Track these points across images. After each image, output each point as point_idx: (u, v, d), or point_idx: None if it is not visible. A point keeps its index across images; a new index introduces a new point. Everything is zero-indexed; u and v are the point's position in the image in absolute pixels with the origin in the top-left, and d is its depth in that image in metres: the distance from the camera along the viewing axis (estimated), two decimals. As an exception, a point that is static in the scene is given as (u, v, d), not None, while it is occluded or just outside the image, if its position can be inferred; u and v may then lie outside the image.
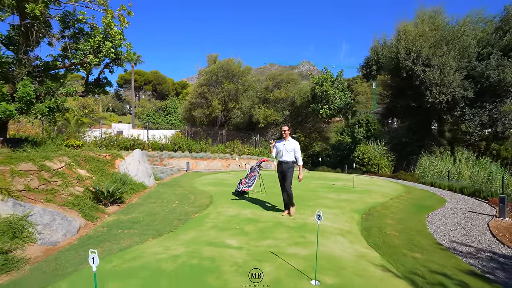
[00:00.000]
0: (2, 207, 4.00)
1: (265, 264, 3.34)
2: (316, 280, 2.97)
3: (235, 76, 25.78)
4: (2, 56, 6.79)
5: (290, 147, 5.22)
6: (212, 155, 16.82)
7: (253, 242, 4.08)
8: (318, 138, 28.12)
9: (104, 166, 8.12)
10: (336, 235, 4.48)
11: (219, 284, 2.87)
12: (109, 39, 7.84)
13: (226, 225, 4.89)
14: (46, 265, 3.42)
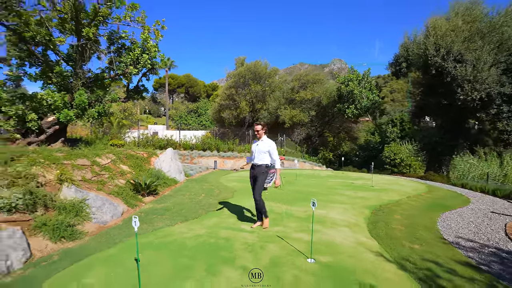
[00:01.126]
0: (67, 192, 5.08)
1: (271, 244, 3.93)
2: (312, 258, 3.49)
3: (262, 77, 26.47)
4: (64, 70, 8.18)
5: (263, 148, 4.54)
6: (239, 155, 17.66)
7: (264, 230, 4.67)
8: (346, 138, 27.75)
9: (142, 162, 9.27)
10: (341, 226, 4.90)
11: (230, 256, 3.52)
12: (146, 52, 8.95)
13: (244, 214, 5.54)
14: (99, 237, 4.37)
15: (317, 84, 22.97)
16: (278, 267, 3.27)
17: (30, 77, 8.45)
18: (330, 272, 3.18)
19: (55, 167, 5.75)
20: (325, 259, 3.52)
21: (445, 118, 15.34)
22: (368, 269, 3.29)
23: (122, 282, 2.89)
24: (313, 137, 26.82)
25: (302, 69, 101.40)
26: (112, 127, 22.78)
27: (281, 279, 2.99)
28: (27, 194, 4.35)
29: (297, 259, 3.48)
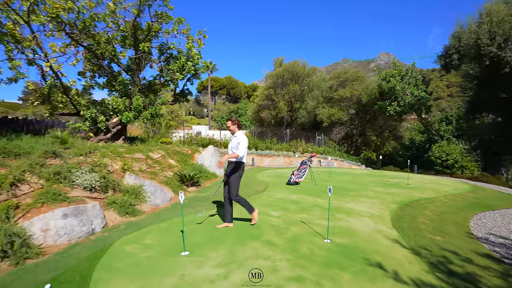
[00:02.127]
0: (129, 179, 6.25)
1: (293, 227, 4.45)
2: (328, 239, 3.92)
3: (300, 77, 26.61)
4: (124, 79, 9.70)
5: (234, 144, 4.26)
6: (276, 153, 18.24)
7: (290, 215, 5.21)
8: (391, 137, 26.37)
9: (186, 158, 10.44)
10: (364, 217, 5.17)
11: (257, 233, 4.14)
12: (190, 60, 10.07)
13: (273, 204, 6.13)
14: (153, 215, 5.37)
15: (356, 81, 22.35)
16: (297, 242, 3.79)
17: (99, 86, 10.16)
18: (341, 249, 3.60)
19: (119, 159, 7.02)
20: (340, 240, 3.93)
21: (503, 113, 13.83)
22: (379, 250, 3.61)
23: (171, 243, 3.70)
24: (354, 136, 26.07)
25: (346, 65, 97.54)
26: (161, 128, 25.26)
27: (298, 250, 3.51)
28: (102, 178, 5.54)
29: (315, 238, 3.95)
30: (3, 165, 4.51)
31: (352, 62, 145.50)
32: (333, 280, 2.80)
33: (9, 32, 7.00)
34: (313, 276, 2.86)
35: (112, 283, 2.69)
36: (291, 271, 2.95)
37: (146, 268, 3.01)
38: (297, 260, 3.24)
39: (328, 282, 2.76)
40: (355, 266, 3.14)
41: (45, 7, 7.00)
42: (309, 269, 3.01)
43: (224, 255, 3.34)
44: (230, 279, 2.77)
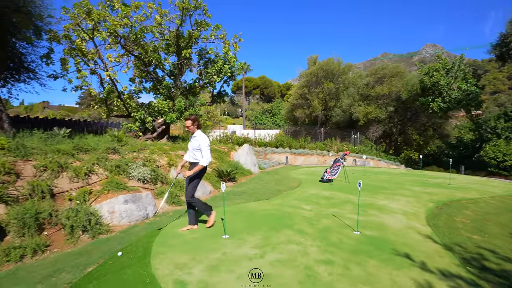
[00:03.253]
0: (174, 173, 7.00)
1: (324, 219, 4.70)
2: (357, 231, 4.11)
3: (335, 75, 26.08)
4: (168, 83, 10.68)
5: (195, 145, 4.05)
6: (310, 152, 18.25)
7: (322, 209, 5.43)
8: (436, 136, 24.57)
9: (223, 155, 11.11)
10: (397, 214, 5.19)
11: (290, 223, 4.47)
12: (226, 63, 10.70)
13: (306, 198, 6.39)
14: (196, 205, 5.98)
15: (395, 77, 21.23)
16: (327, 232, 4.05)
17: (146, 90, 11.30)
18: (370, 240, 3.77)
19: (165, 155, 7.85)
20: (370, 233, 4.09)
21: None
22: (408, 243, 3.71)
23: (213, 228, 4.21)
24: (393, 135, 24.79)
25: (385, 60, 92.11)
26: (199, 128, 26.77)
27: (327, 238, 3.77)
28: (152, 172, 6.33)
29: (344, 230, 4.16)
30: (78, 159, 5.46)
31: (393, 56, 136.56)
32: (360, 265, 3.03)
33: (77, 47, 8.24)
34: (341, 260, 3.12)
35: (168, 255, 3.25)
36: (321, 255, 3.24)
37: (194, 245, 3.54)
38: (327, 247, 3.51)
39: (355, 266, 3.00)
40: (382, 255, 3.32)
41: (105, 24, 8.10)
42: (338, 255, 3.27)
43: (260, 239, 3.74)
44: (265, 258, 3.16)
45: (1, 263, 3.37)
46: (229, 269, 2.86)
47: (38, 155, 5.14)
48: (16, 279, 2.97)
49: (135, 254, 3.28)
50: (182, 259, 3.09)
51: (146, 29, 9.06)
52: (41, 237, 3.86)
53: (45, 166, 4.86)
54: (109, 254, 3.37)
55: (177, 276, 2.71)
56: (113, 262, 3.10)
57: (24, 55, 10.10)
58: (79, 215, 4.22)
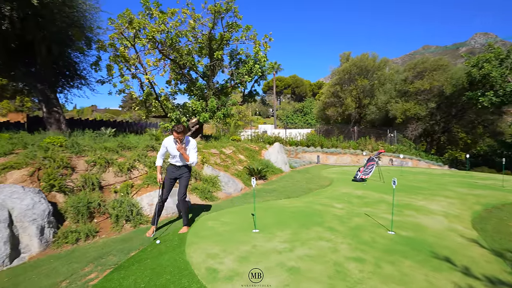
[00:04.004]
0: (207, 170, 7.30)
1: (356, 218, 4.57)
2: (392, 231, 3.94)
3: (370, 71, 24.96)
4: (201, 84, 11.13)
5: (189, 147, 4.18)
6: (343, 151, 17.70)
7: (354, 208, 5.29)
8: (486, 134, 22.25)
9: (254, 154, 11.28)
10: (438, 216, 4.86)
11: (320, 221, 4.43)
12: (257, 63, 10.84)
13: (337, 197, 6.26)
14: (227, 201, 6.19)
15: (438, 70, 19.59)
16: (358, 230, 3.94)
17: (181, 91, 11.88)
18: (405, 241, 3.60)
19: (198, 153, 8.20)
20: (406, 233, 3.89)
21: None
22: (450, 247, 3.47)
23: (244, 223, 4.34)
24: (435, 133, 22.95)
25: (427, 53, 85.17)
26: (230, 127, 27.38)
27: (359, 237, 3.68)
28: (187, 168, 6.67)
29: (378, 229, 4.02)
30: (122, 155, 5.97)
31: (435, 49, 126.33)
32: (393, 264, 2.92)
33: (121, 54, 8.98)
34: (372, 259, 3.04)
35: (201, 244, 3.44)
36: (351, 253, 3.19)
37: (225, 237, 3.69)
38: (358, 244, 3.43)
39: (388, 265, 2.90)
40: (419, 256, 3.16)
41: (145, 31, 8.71)
42: (369, 253, 3.18)
43: (289, 235, 3.78)
44: (294, 252, 3.19)
45: (62, 244, 3.85)
46: (258, 261, 2.95)
47: (89, 151, 5.73)
48: (74, 258, 3.37)
49: (171, 243, 3.52)
50: (214, 250, 3.25)
51: (181, 33, 9.55)
52: (92, 224, 4.32)
53: (95, 162, 5.40)
54: (148, 241, 3.66)
55: (209, 264, 2.87)
56: (152, 249, 3.37)
57: (77, 64, 11.25)
58: (123, 206, 4.63)
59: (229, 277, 2.59)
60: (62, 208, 4.33)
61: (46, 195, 4.40)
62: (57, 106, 9.38)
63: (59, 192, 4.55)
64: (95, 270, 2.95)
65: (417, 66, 20.92)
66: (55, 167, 4.75)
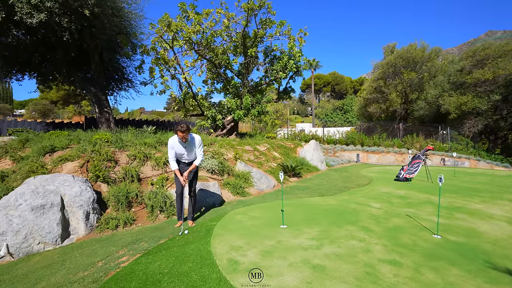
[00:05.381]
0: (239, 166, 7.36)
1: (395, 218, 4.16)
2: (438, 235, 3.49)
3: (418, 63, 22.84)
4: (236, 83, 11.28)
5: (196, 145, 4.30)
6: (386, 149, 16.49)
7: (394, 208, 4.83)
8: None
9: (289, 151, 11.07)
10: (500, 221, 4.18)
11: (354, 219, 4.13)
12: (292, 58, 10.62)
13: (375, 196, 5.80)
14: (258, 197, 6.15)
15: (504, 57, 17.00)
16: (397, 232, 3.57)
17: (217, 90, 12.19)
18: (454, 246, 3.14)
19: (232, 150, 8.31)
20: (455, 238, 3.41)
21: None
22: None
23: (272, 218, 4.24)
24: (500, 130, 20.02)
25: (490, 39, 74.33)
26: (267, 126, 27.39)
27: (397, 239, 3.33)
28: (220, 164, 6.80)
29: (420, 232, 3.59)
30: (159, 150, 6.31)
31: (502, 34, 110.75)
32: (436, 271, 2.56)
33: (161, 56, 9.52)
34: (411, 263, 2.71)
35: (226, 236, 3.44)
36: (386, 255, 2.88)
37: (251, 231, 3.64)
38: (395, 247, 3.10)
39: (430, 272, 2.55)
40: (470, 265, 2.72)
41: (182, 33, 9.12)
42: (408, 257, 2.85)
43: (318, 232, 3.58)
44: (321, 249, 3.00)
45: (104, 229, 4.20)
46: (282, 256, 2.83)
47: (131, 147, 6.17)
48: (112, 242, 3.63)
49: (198, 234, 3.59)
50: (238, 242, 3.22)
51: (216, 33, 9.79)
52: (130, 212, 4.63)
53: (135, 156, 5.80)
54: (177, 231, 3.78)
55: (232, 256, 2.84)
56: (180, 238, 3.47)
57: (125, 68, 12.28)
58: (158, 197, 4.88)
59: (248, 270, 2.53)
60: (105, 197, 4.71)
61: (92, 184, 4.84)
62: (107, 107, 10.35)
63: (103, 182, 4.96)
64: (127, 253, 3.13)
65: (476, 54, 18.51)
66: (100, 159, 5.20)
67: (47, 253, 3.60)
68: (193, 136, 4.13)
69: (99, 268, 2.80)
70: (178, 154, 4.14)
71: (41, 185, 4.12)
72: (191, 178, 4.28)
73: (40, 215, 3.83)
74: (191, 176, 4.27)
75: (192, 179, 4.29)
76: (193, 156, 4.22)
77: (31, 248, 3.69)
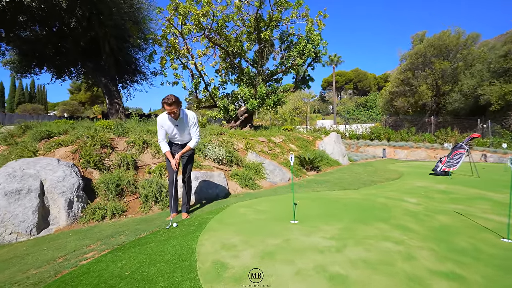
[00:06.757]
0: (250, 156, 6.64)
1: (440, 216, 3.23)
2: (508, 239, 2.54)
3: (451, 51, 20.87)
4: (250, 71, 10.59)
5: (190, 123, 3.66)
6: (415, 144, 15.03)
7: (436, 204, 3.87)
8: None
9: (307, 144, 10.19)
10: None
11: (385, 216, 3.26)
12: (310, 42, 9.74)
13: (409, 191, 4.83)
14: (270, 190, 5.40)
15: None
16: (447, 233, 2.67)
17: (231, 81, 11.56)
18: (540, 255, 2.20)
19: (243, 140, 7.62)
20: (535, 243, 2.45)
21: None
22: None
23: (282, 212, 3.48)
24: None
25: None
26: (286, 122, 26.44)
27: (450, 242, 2.43)
28: (228, 154, 6.13)
29: (481, 234, 2.66)
30: (161, 137, 5.76)
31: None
32: (523, 291, 1.68)
33: (171, 44, 9.05)
34: (479, 277, 1.83)
35: (220, 232, 2.73)
36: (439, 264, 2.03)
37: (253, 227, 2.91)
38: (449, 253, 2.22)
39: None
40: None
41: (191, 17, 8.58)
42: (472, 267, 1.97)
43: (339, 230, 2.77)
44: (344, 253, 2.20)
45: (88, 219, 3.67)
46: (288, 260, 2.07)
47: (132, 133, 5.67)
48: (90, 234, 3.07)
49: (188, 228, 2.92)
50: (233, 240, 2.50)
51: (228, 18, 9.16)
52: (121, 202, 4.07)
53: (134, 142, 5.28)
54: (167, 224, 3.14)
55: (220, 257, 2.13)
56: (165, 232, 2.81)
57: (137, 60, 12.01)
58: (152, 186, 4.29)
59: (237, 278, 1.81)
60: (95, 185, 4.20)
61: (83, 171, 4.35)
62: (118, 98, 10.08)
63: (95, 169, 4.46)
64: (98, 248, 2.53)
65: (522, 37, 16.41)
66: (93, 144, 4.71)
67: (17, 244, 3.11)
68: (186, 112, 3.46)
69: (54, 266, 2.21)
70: (169, 134, 3.52)
71: (20, 169, 3.66)
72: (185, 162, 3.64)
73: (14, 201, 3.35)
74: (185, 160, 3.63)
75: (187, 163, 3.66)
76: (186, 137, 3.58)
77: (1, 238, 3.20)
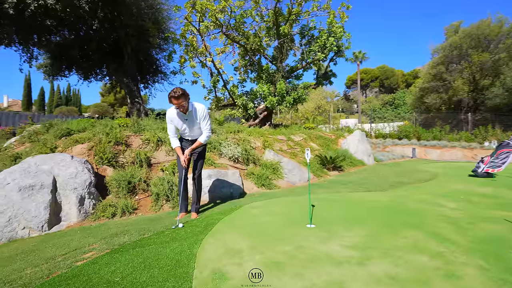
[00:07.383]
0: (268, 155, 6.36)
1: (485, 224, 2.73)
2: None
3: (492, 41, 19.08)
4: (270, 68, 10.29)
5: (200, 117, 3.46)
6: (449, 144, 13.86)
7: (478, 210, 3.34)
8: None
9: (329, 143, 9.68)
10: None
11: (417, 222, 2.82)
12: (332, 35, 9.24)
13: (446, 194, 4.27)
14: (287, 190, 5.09)
15: None
16: (500, 245, 2.20)
17: (251, 79, 11.34)
18: None
19: (261, 138, 7.35)
20: None
21: None
22: None
23: (298, 215, 3.15)
24: None
25: None
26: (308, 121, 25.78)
27: (502, 257, 1.98)
28: (244, 152, 5.89)
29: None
30: (176, 135, 5.67)
31: None
32: None
33: (190, 43, 9.02)
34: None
35: (227, 236, 2.48)
36: (491, 286, 1.61)
37: (263, 230, 2.62)
38: (505, 274, 1.78)
39: None
40: None
41: (208, 14, 8.47)
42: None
43: (362, 237, 2.40)
44: (368, 267, 1.84)
45: (99, 216, 3.62)
46: (298, 272, 1.77)
47: (148, 131, 5.63)
48: (95, 233, 2.97)
49: (194, 229, 2.70)
50: (239, 244, 2.24)
51: (246, 13, 8.95)
52: (132, 200, 3.98)
53: (149, 140, 5.22)
54: (174, 224, 2.95)
55: (222, 264, 1.87)
56: (169, 233, 2.62)
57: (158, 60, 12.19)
58: (164, 184, 4.16)
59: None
60: (107, 182, 4.16)
61: (97, 168, 4.34)
62: (138, 97, 10.27)
63: (109, 166, 4.43)
64: (98, 248, 2.40)
65: None
66: (107, 141, 4.70)
67: (28, 240, 3.10)
68: (195, 105, 3.28)
69: (51, 265, 2.09)
70: (179, 129, 3.38)
71: (35, 164, 3.68)
72: (196, 159, 3.47)
73: (27, 196, 3.36)
74: (195, 157, 3.46)
75: (197, 160, 3.50)
76: (197, 132, 3.40)
77: (15, 232, 3.22)
